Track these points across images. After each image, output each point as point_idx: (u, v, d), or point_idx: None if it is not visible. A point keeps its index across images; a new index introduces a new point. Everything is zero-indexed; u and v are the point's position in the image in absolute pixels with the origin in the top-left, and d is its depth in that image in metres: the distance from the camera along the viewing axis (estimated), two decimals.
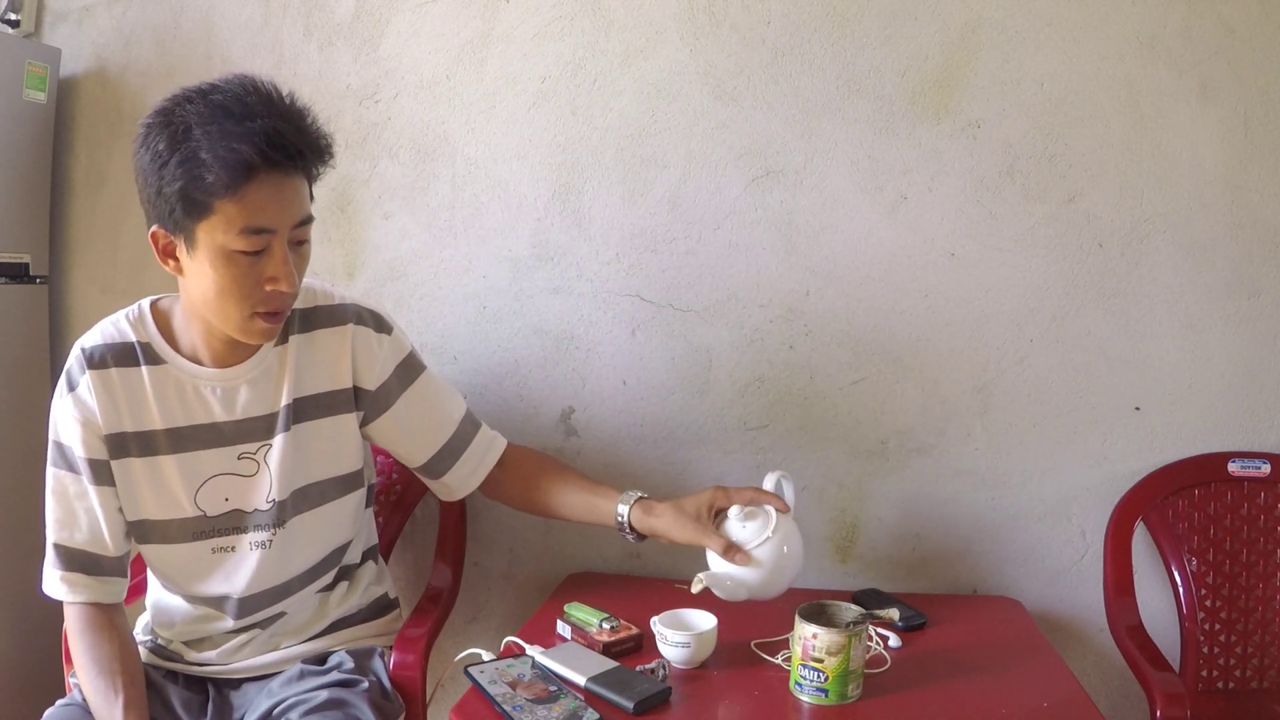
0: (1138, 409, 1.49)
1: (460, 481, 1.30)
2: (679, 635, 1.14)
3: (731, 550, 1.18)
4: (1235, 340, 1.46)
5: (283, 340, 1.16)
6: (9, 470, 1.69)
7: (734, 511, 1.21)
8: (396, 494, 1.58)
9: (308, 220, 1.07)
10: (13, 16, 1.74)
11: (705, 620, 1.19)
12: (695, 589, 1.17)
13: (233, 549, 1.17)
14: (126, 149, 1.70)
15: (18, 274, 1.71)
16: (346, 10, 1.63)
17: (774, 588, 1.19)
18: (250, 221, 1.00)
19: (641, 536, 1.26)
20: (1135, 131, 1.45)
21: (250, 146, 0.97)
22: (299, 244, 1.07)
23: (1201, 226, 1.45)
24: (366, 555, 1.35)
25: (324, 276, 1.64)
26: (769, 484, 1.27)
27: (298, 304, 1.17)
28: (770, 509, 1.20)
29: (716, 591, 1.20)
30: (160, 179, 0.99)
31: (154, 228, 1.04)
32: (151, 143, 1.00)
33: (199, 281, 1.04)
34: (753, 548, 1.18)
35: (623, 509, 1.25)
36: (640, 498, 1.26)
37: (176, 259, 1.06)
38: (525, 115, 1.58)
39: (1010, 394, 1.51)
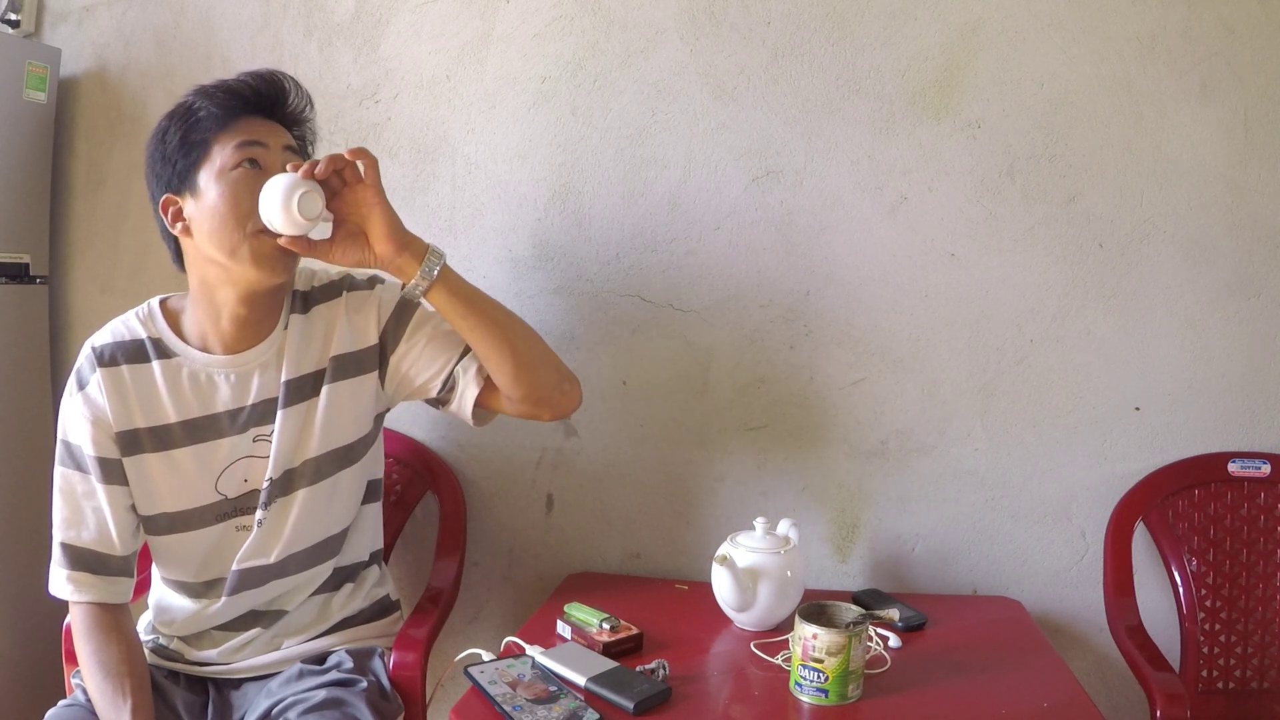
0: (1138, 409, 1.49)
1: (470, 383, 1.21)
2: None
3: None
4: (1235, 340, 1.46)
5: (286, 324, 1.19)
6: (9, 470, 1.69)
7: None
8: (397, 494, 1.58)
9: (297, 150, 1.15)
10: (13, 16, 1.75)
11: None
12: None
13: (249, 527, 1.18)
14: (126, 149, 1.74)
15: (18, 274, 1.71)
16: (346, 10, 1.63)
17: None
18: (243, 138, 1.09)
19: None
20: (1135, 131, 1.45)
21: (236, 84, 1.10)
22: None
23: (1201, 226, 1.45)
24: (373, 558, 1.35)
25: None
26: (782, 529, 1.34)
27: (298, 286, 1.22)
28: None
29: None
30: (164, 144, 1.10)
31: (163, 197, 1.11)
32: (158, 127, 1.11)
33: (205, 221, 1.09)
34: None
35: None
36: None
37: (185, 220, 1.11)
38: (525, 115, 1.58)
39: (1010, 394, 1.51)
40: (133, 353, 1.14)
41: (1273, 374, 1.47)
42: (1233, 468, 1.46)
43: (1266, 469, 1.45)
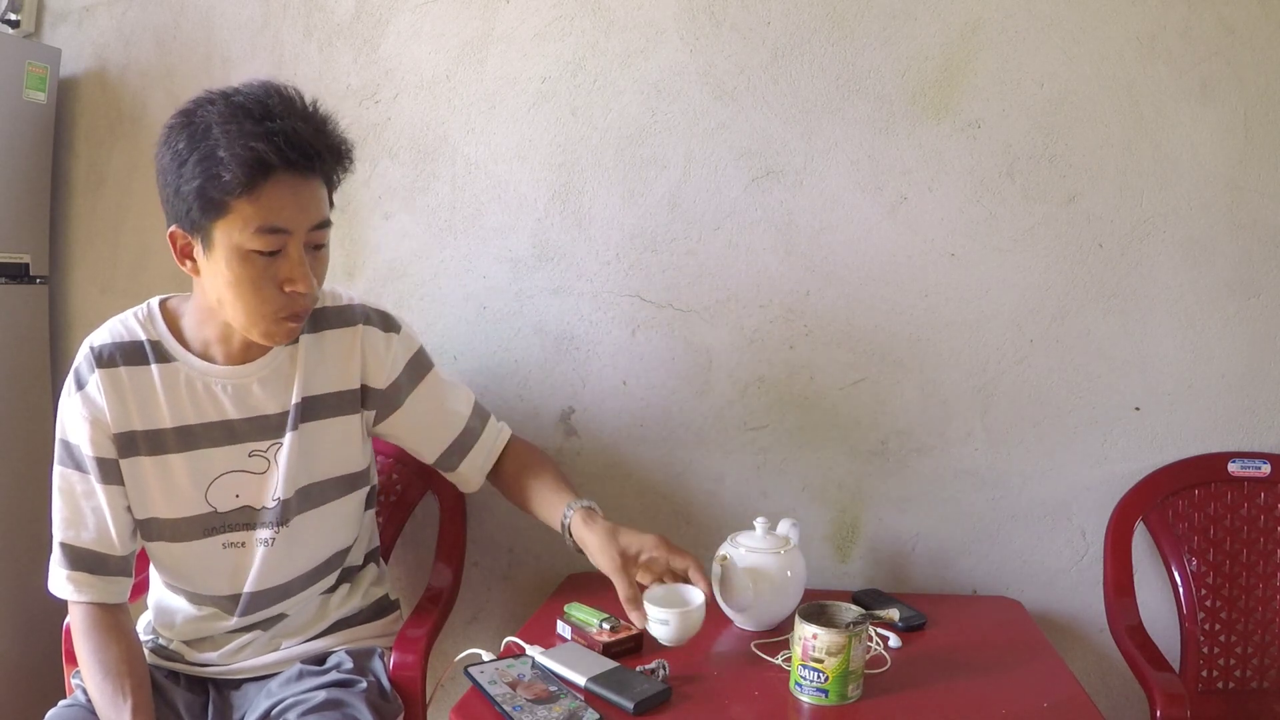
0: (1138, 409, 1.49)
1: (474, 473, 1.34)
2: (661, 613, 1.13)
3: (632, 604, 1.16)
4: (1235, 340, 1.46)
5: (294, 340, 1.17)
6: (9, 470, 1.69)
7: (655, 591, 1.20)
8: (397, 494, 1.58)
9: (325, 224, 1.08)
10: (13, 16, 1.74)
11: (694, 596, 1.18)
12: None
13: (243, 545, 1.18)
14: (126, 149, 1.74)
15: (18, 274, 1.71)
16: (346, 10, 1.63)
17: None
18: (266, 221, 1.01)
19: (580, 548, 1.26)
20: (1135, 131, 1.45)
21: (268, 145, 0.97)
22: (317, 248, 1.08)
23: (1201, 226, 1.45)
24: (369, 558, 1.35)
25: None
26: (782, 528, 1.32)
27: None
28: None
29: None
30: (179, 178, 1.00)
31: (172, 227, 1.05)
32: (173, 142, 1.01)
33: (215, 282, 1.05)
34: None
35: (569, 512, 1.25)
36: (587, 506, 1.25)
37: (193, 259, 1.06)
38: (525, 115, 1.58)
39: (1010, 394, 1.51)
40: (131, 354, 1.13)
41: (1273, 374, 1.47)
42: (1233, 468, 1.46)
43: (1266, 469, 1.45)
